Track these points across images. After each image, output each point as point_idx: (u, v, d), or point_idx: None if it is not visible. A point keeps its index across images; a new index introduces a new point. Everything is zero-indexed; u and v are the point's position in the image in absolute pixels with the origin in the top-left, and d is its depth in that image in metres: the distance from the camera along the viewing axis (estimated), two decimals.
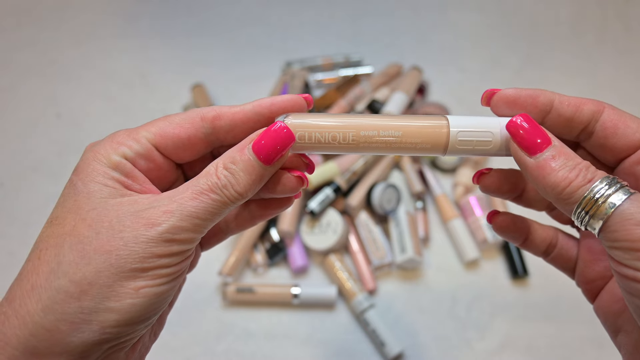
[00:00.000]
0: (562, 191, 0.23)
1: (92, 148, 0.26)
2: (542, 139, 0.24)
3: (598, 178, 0.23)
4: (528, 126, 0.24)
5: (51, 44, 0.88)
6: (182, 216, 0.23)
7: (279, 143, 0.25)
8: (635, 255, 0.21)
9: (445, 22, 0.91)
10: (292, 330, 0.60)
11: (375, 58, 0.82)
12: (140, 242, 0.22)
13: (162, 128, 0.26)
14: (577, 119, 0.26)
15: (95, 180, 0.24)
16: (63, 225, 0.23)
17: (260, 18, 0.92)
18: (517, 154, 0.25)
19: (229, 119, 0.26)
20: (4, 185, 0.72)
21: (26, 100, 0.81)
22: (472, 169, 0.69)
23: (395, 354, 0.56)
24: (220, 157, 0.25)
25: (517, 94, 0.26)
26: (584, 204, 0.22)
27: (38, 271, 0.22)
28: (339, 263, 0.62)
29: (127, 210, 0.23)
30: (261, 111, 0.27)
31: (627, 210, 0.21)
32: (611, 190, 0.22)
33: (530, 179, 0.24)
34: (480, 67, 0.84)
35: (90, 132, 0.77)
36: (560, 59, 0.85)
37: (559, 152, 0.24)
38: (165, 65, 0.85)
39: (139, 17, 0.92)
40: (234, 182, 0.24)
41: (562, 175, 0.23)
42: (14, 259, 0.66)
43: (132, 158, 0.25)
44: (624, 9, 0.91)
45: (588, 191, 0.22)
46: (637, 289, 0.21)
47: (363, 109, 0.74)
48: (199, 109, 0.27)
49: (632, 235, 0.21)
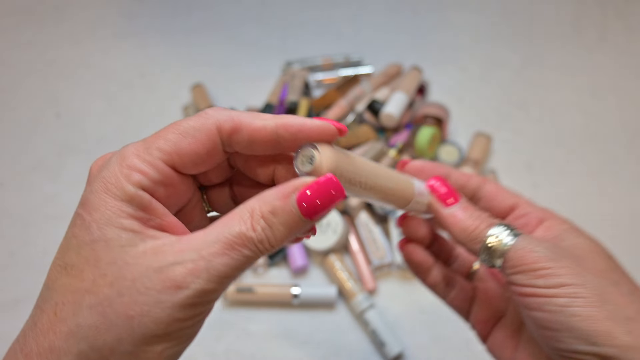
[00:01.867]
0: (471, 234, 0.29)
1: (101, 175, 0.22)
2: (454, 196, 0.31)
3: (496, 223, 0.29)
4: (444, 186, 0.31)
5: (51, 44, 0.88)
6: (210, 277, 0.21)
7: (329, 200, 0.22)
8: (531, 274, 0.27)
9: (445, 22, 0.91)
10: (292, 330, 0.60)
11: (375, 58, 0.82)
12: (165, 307, 0.20)
13: (177, 144, 0.23)
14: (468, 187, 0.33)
15: (111, 223, 0.21)
16: (81, 279, 0.21)
17: (260, 18, 0.92)
18: (435, 207, 0.31)
19: (248, 134, 0.23)
20: (4, 185, 0.72)
21: (26, 100, 0.81)
22: (472, 169, 0.69)
23: (395, 354, 0.56)
24: (257, 200, 0.22)
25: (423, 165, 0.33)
26: (488, 243, 0.29)
27: (56, 330, 0.21)
28: (339, 263, 0.62)
29: (149, 265, 0.21)
30: (284, 135, 0.23)
31: (520, 244, 0.28)
32: (507, 231, 0.29)
33: (446, 226, 0.31)
34: (480, 67, 0.84)
35: (90, 132, 0.77)
36: (561, 58, 0.85)
37: (466, 206, 0.31)
38: (165, 65, 0.85)
39: (139, 17, 0.92)
40: (270, 237, 0.22)
41: (470, 222, 0.30)
42: (14, 259, 0.66)
43: (149, 187, 0.22)
44: (624, 8, 0.91)
45: (490, 232, 0.29)
46: (535, 302, 0.26)
47: (363, 109, 0.74)
48: (213, 114, 0.23)
49: (527, 260, 0.27)
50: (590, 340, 0.25)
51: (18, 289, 0.63)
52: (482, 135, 0.72)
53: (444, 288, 0.35)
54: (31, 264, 0.65)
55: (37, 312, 0.22)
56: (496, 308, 0.34)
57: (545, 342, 0.27)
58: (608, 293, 0.26)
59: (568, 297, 0.26)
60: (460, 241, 0.30)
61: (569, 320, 0.25)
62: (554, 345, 0.27)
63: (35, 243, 0.67)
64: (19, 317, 0.68)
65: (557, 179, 0.72)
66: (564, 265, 0.27)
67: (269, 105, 0.74)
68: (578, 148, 0.75)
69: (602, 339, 0.25)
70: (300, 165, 0.24)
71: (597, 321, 0.25)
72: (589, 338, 0.25)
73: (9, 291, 0.63)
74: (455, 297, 0.35)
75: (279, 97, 0.75)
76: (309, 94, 0.78)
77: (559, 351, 0.27)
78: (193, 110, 0.76)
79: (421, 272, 0.35)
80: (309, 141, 0.23)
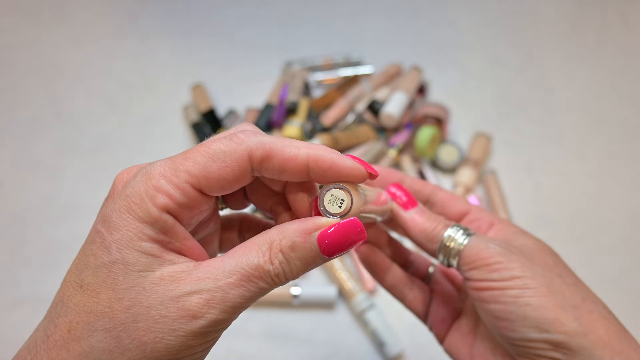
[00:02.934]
0: (430, 233, 0.32)
1: (125, 193, 0.22)
2: (412, 202, 0.33)
3: (452, 224, 0.32)
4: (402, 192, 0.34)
5: (51, 44, 0.88)
6: (225, 307, 0.21)
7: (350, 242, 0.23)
8: (485, 269, 0.29)
9: (445, 22, 0.91)
10: (292, 330, 0.60)
11: (375, 58, 0.82)
12: (178, 335, 0.21)
13: (205, 168, 0.22)
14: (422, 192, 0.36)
15: (131, 245, 0.21)
16: (97, 300, 0.21)
17: (260, 18, 0.91)
18: (396, 211, 0.33)
19: (280, 164, 0.23)
20: (4, 185, 0.72)
21: (26, 100, 0.81)
22: (472, 168, 0.69)
23: (395, 354, 0.56)
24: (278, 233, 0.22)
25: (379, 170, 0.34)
26: (445, 242, 0.31)
27: (69, 348, 0.21)
28: (339, 263, 0.62)
29: (166, 292, 0.21)
30: (315, 168, 0.23)
31: (474, 242, 0.30)
32: (462, 231, 0.31)
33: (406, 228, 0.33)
34: (480, 67, 0.84)
35: (90, 132, 0.77)
36: (561, 58, 0.85)
37: (424, 210, 0.33)
38: (165, 65, 0.85)
39: (139, 17, 0.92)
40: (287, 271, 0.22)
41: (428, 223, 0.32)
42: (14, 259, 0.66)
43: (174, 210, 0.22)
44: (624, 8, 0.91)
45: (447, 232, 0.31)
46: (490, 295, 0.29)
47: (363, 109, 0.74)
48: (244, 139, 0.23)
49: (481, 256, 0.29)
50: (541, 328, 0.27)
51: (18, 289, 0.63)
52: (482, 135, 0.72)
53: (402, 290, 0.37)
54: (31, 264, 0.65)
55: (50, 325, 0.22)
56: (452, 308, 0.36)
57: (501, 333, 0.29)
58: (555, 284, 0.28)
59: (520, 289, 0.28)
60: (420, 242, 0.32)
61: (522, 309, 0.27)
62: (509, 335, 0.28)
63: (35, 243, 0.67)
64: (19, 317, 0.69)
65: (557, 179, 0.72)
66: (515, 260, 0.29)
67: (269, 105, 0.74)
68: (578, 148, 0.75)
69: (553, 325, 0.27)
70: (327, 205, 0.23)
71: (548, 309, 0.27)
72: (541, 325, 0.27)
73: (9, 291, 0.63)
74: (413, 299, 0.37)
75: (279, 97, 0.75)
76: (309, 94, 0.78)
77: (513, 340, 0.28)
78: (193, 110, 0.76)
79: (379, 273, 0.36)
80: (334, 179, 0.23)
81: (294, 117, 0.73)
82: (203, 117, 0.75)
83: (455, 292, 0.37)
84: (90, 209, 0.72)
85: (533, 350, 0.28)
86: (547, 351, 0.27)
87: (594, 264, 0.65)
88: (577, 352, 0.27)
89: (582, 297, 0.28)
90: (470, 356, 0.33)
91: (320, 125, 0.73)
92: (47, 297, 0.66)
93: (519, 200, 0.69)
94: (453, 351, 0.34)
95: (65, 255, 0.67)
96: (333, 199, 0.23)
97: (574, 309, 0.28)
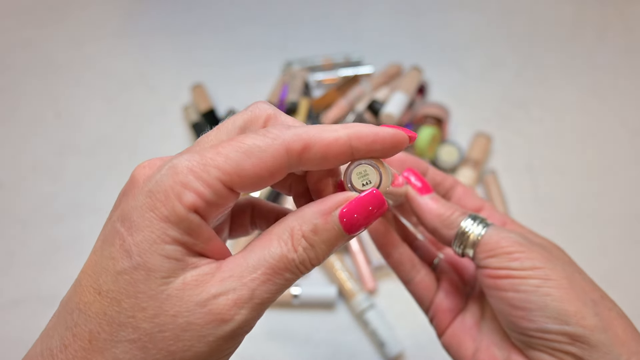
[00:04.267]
0: (447, 219, 0.31)
1: (148, 189, 0.20)
2: (426, 187, 0.33)
3: (469, 213, 0.32)
4: (418, 177, 0.33)
5: (51, 44, 0.88)
6: (253, 305, 0.20)
7: (372, 215, 0.22)
8: (506, 257, 0.29)
9: (445, 22, 0.91)
10: (292, 330, 0.60)
11: (375, 58, 0.82)
12: (207, 342, 0.20)
13: (239, 165, 0.20)
14: (444, 184, 0.36)
15: (154, 249, 0.20)
16: (118, 310, 0.20)
17: (260, 18, 0.91)
18: (411, 195, 0.33)
19: (321, 151, 0.21)
20: (4, 185, 0.72)
21: (26, 100, 0.81)
22: (472, 169, 0.69)
23: (395, 354, 0.56)
24: (297, 218, 0.21)
25: (405, 158, 0.35)
26: (462, 230, 0.31)
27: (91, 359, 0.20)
28: (339, 263, 0.62)
29: (191, 298, 0.20)
30: (358, 146, 0.22)
31: (494, 231, 0.30)
32: (479, 221, 0.31)
33: (421, 213, 0.32)
34: (480, 67, 0.84)
35: (90, 132, 0.77)
36: (561, 58, 0.85)
37: (438, 197, 0.33)
38: (165, 65, 0.85)
39: (139, 17, 0.92)
40: (312, 257, 0.21)
41: (444, 209, 0.32)
42: (14, 259, 0.66)
43: (202, 209, 0.20)
44: (624, 8, 0.91)
45: (464, 220, 0.31)
46: (509, 284, 0.28)
47: (363, 109, 0.74)
48: (279, 134, 0.21)
49: (501, 244, 0.29)
50: (561, 319, 0.27)
51: (18, 289, 0.63)
52: (482, 135, 0.72)
53: (409, 271, 0.36)
54: (31, 264, 0.65)
55: (68, 334, 0.20)
56: (458, 300, 0.35)
57: (515, 323, 0.29)
58: (575, 279, 0.28)
59: (541, 279, 0.28)
60: (435, 227, 0.32)
61: (542, 299, 0.27)
62: (525, 325, 0.28)
63: (35, 243, 0.67)
64: (19, 317, 0.69)
65: (557, 179, 0.72)
66: (535, 251, 0.29)
67: None
68: (578, 148, 0.75)
69: (573, 318, 0.27)
70: (356, 182, 0.22)
71: (569, 301, 0.27)
72: (561, 317, 0.27)
73: (9, 291, 0.63)
74: (420, 282, 0.36)
75: (279, 97, 0.75)
76: (309, 94, 0.78)
77: (528, 331, 0.28)
78: (193, 110, 0.76)
79: (385, 247, 0.35)
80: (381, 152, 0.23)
81: (294, 117, 0.73)
82: (203, 117, 0.75)
83: (461, 285, 0.36)
84: (90, 209, 0.72)
85: (548, 343, 0.27)
86: (563, 344, 0.27)
87: (594, 264, 0.65)
88: (596, 347, 0.26)
89: (600, 294, 0.28)
90: (474, 349, 0.33)
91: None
92: (47, 297, 0.66)
93: (519, 200, 0.69)
94: (453, 344, 0.34)
95: (65, 255, 0.67)
96: (360, 175, 0.22)
97: (594, 305, 0.27)
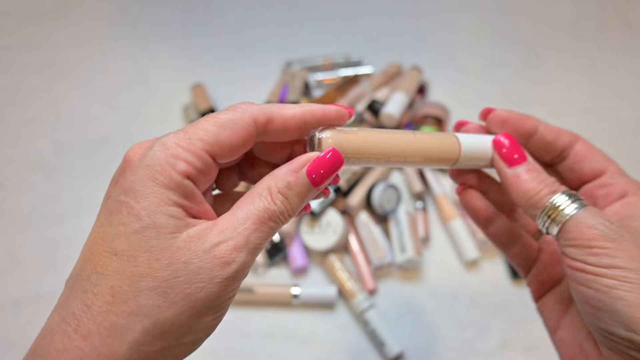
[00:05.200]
0: (532, 198, 0.29)
1: (143, 162, 0.24)
2: (520, 156, 0.30)
3: (560, 190, 0.28)
4: (509, 143, 0.30)
5: (51, 44, 0.88)
6: (249, 250, 0.24)
7: (332, 169, 0.26)
8: (585, 250, 0.26)
9: (445, 22, 0.91)
10: (292, 330, 0.60)
11: (375, 58, 0.82)
12: (216, 282, 0.23)
13: (217, 136, 0.25)
14: (556, 144, 0.32)
15: (160, 211, 0.23)
16: (136, 265, 0.23)
17: (260, 18, 0.92)
18: (498, 165, 0.30)
19: (282, 124, 0.26)
20: (4, 185, 0.72)
21: (26, 100, 0.81)
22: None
23: (395, 354, 0.56)
24: (272, 178, 0.25)
25: (508, 116, 0.32)
26: (547, 210, 0.28)
27: (117, 311, 0.22)
28: (339, 263, 0.62)
29: (198, 247, 0.23)
30: (310, 120, 0.27)
31: (581, 216, 0.27)
32: (570, 201, 0.28)
33: (506, 186, 0.30)
34: (480, 67, 0.84)
35: (90, 132, 0.77)
36: (560, 58, 0.85)
37: (531, 168, 0.30)
38: (165, 65, 0.85)
39: (139, 17, 0.92)
40: (289, 208, 0.25)
41: (532, 185, 0.29)
42: (14, 259, 0.66)
43: (194, 176, 0.24)
44: (624, 8, 0.91)
45: (552, 199, 0.28)
46: (584, 278, 0.26)
47: (363, 109, 0.74)
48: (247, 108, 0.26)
49: (584, 235, 0.26)
50: (630, 327, 0.25)
51: (18, 289, 0.63)
52: None
53: (505, 242, 0.34)
54: (31, 264, 0.65)
55: (89, 295, 0.23)
56: (555, 273, 0.33)
57: (587, 318, 0.27)
58: None
59: (617, 280, 0.25)
60: (520, 204, 0.29)
61: (613, 302, 0.25)
62: (595, 323, 0.27)
63: (35, 243, 0.67)
64: (19, 317, 0.69)
65: None
66: (623, 248, 0.26)
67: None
68: None
69: None
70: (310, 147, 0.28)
71: None
72: (630, 324, 0.25)
73: (9, 291, 0.63)
74: (517, 254, 0.34)
75: (279, 97, 0.75)
76: (309, 94, 0.78)
77: (598, 329, 0.27)
78: (193, 110, 0.76)
79: (481, 221, 0.34)
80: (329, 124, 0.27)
81: None
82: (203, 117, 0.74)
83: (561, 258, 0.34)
84: (91, 209, 0.72)
85: (616, 345, 0.26)
86: (631, 350, 0.26)
87: None
88: None
89: None
90: (557, 327, 0.32)
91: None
92: (47, 297, 0.66)
93: None
94: (543, 313, 0.33)
95: (66, 255, 0.67)
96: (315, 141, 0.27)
97: None
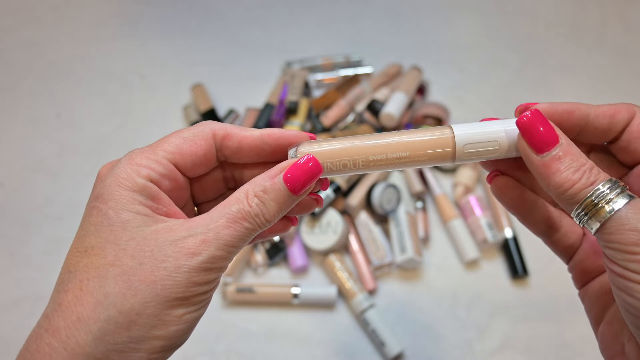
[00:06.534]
0: (565, 192, 0.24)
1: (111, 172, 0.25)
2: (550, 138, 0.24)
3: (600, 181, 0.23)
4: (536, 124, 0.25)
5: (51, 44, 0.88)
6: (219, 245, 0.24)
7: (309, 175, 0.26)
8: (626, 256, 0.23)
9: (445, 22, 0.91)
10: (292, 330, 0.60)
11: (375, 58, 0.82)
12: (183, 272, 0.23)
13: (178, 146, 0.26)
14: (612, 129, 0.26)
15: (126, 208, 0.24)
16: (103, 256, 0.23)
17: (260, 18, 0.92)
18: (524, 151, 0.25)
19: (237, 141, 0.27)
20: (4, 185, 0.72)
21: (26, 100, 0.82)
22: (472, 169, 0.69)
23: (395, 354, 0.56)
24: (250, 184, 0.26)
25: (552, 109, 0.26)
26: (584, 206, 0.23)
27: (82, 302, 0.23)
28: (339, 263, 0.62)
29: (165, 239, 0.24)
30: (268, 141, 0.27)
31: (624, 216, 0.23)
32: (612, 195, 0.23)
33: (536, 175, 0.25)
34: (480, 67, 0.84)
35: (90, 132, 0.77)
36: (560, 58, 0.85)
37: (565, 152, 0.24)
38: (165, 66, 0.85)
39: (139, 17, 0.92)
40: (264, 211, 0.25)
41: (565, 176, 0.24)
42: (14, 259, 0.66)
43: (156, 180, 0.25)
44: (624, 8, 0.91)
45: (590, 194, 0.23)
46: (625, 285, 0.23)
47: (363, 109, 0.74)
48: (209, 124, 0.27)
49: (626, 239, 0.23)
50: None
51: (18, 289, 0.63)
52: None
53: (544, 230, 0.30)
54: (31, 264, 0.65)
55: (60, 295, 0.23)
56: (601, 262, 0.29)
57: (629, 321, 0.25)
58: None
59: None
60: (553, 196, 0.25)
61: None
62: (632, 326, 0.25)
63: (35, 243, 0.67)
64: (19, 317, 0.68)
65: None
66: None
67: (269, 105, 0.74)
68: None
69: None
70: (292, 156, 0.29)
71: None
72: None
73: (9, 291, 0.63)
74: (557, 241, 0.30)
75: (279, 97, 0.75)
76: (309, 94, 0.78)
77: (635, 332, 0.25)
78: (193, 110, 0.76)
79: (516, 211, 0.30)
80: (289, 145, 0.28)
81: (294, 117, 0.73)
82: (203, 117, 0.75)
83: None
84: None
85: None
86: None
87: None
88: None
89: None
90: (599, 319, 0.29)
91: (320, 125, 0.73)
92: (47, 297, 0.66)
93: None
94: (586, 302, 0.30)
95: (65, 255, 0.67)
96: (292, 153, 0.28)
97: None
